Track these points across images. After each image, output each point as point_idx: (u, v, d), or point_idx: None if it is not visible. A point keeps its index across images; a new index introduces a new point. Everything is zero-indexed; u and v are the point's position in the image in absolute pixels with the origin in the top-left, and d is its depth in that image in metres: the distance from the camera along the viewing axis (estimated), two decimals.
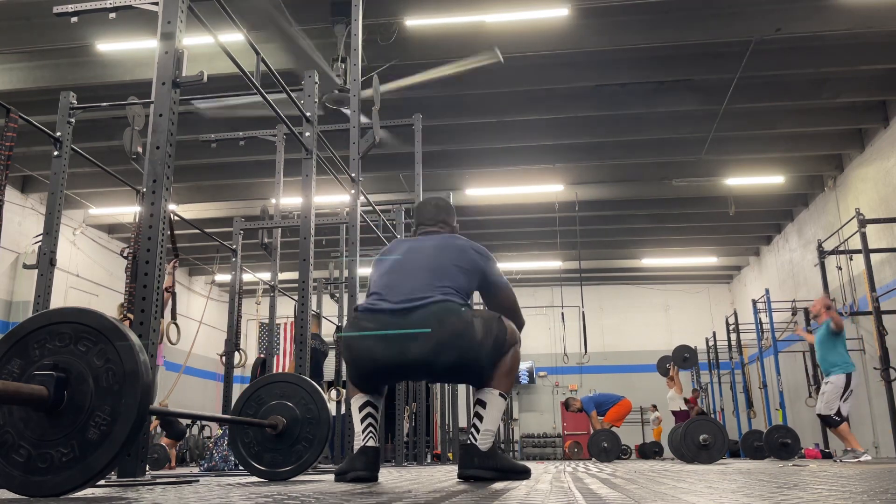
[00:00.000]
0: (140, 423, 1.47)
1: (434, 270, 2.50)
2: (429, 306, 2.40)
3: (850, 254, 8.76)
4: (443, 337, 2.34)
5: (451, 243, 2.63)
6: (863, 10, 7.01)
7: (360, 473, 2.44)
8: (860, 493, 1.55)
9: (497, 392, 2.48)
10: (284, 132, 6.39)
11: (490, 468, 2.43)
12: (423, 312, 2.39)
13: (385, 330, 2.39)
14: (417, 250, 2.62)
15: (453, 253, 2.58)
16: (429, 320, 2.36)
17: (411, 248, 2.65)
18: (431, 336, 2.34)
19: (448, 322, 2.36)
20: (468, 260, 2.58)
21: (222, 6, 3.13)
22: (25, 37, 7.23)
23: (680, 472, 3.55)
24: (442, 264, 2.53)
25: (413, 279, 2.49)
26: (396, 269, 2.57)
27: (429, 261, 2.54)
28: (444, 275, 2.49)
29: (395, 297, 2.46)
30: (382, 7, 6.85)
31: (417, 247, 2.64)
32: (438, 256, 2.56)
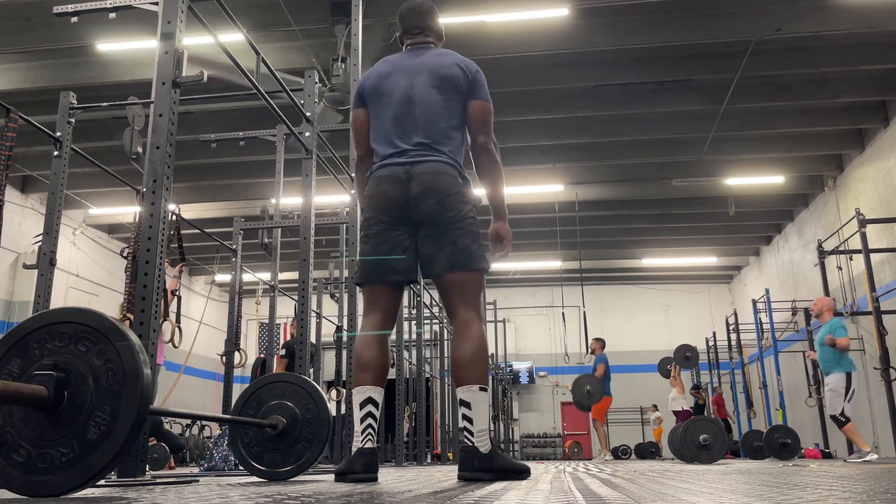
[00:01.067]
0: (140, 423, 1.47)
1: (431, 120, 2.59)
2: (430, 163, 2.54)
3: (850, 254, 8.76)
4: (435, 185, 2.50)
5: (441, 72, 2.63)
6: (863, 10, 7.01)
7: (358, 476, 2.43)
8: (860, 493, 1.55)
9: (477, 387, 2.47)
10: (284, 132, 6.39)
11: (490, 469, 2.43)
12: (426, 165, 2.53)
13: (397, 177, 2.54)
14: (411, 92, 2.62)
15: (445, 90, 2.62)
16: (428, 173, 2.52)
17: (404, 88, 2.64)
18: (429, 182, 2.49)
19: (443, 178, 2.52)
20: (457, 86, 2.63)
21: (222, 6, 3.13)
22: (25, 37, 7.23)
23: (680, 472, 3.55)
24: (438, 111, 2.60)
25: (413, 130, 2.58)
26: (394, 116, 2.61)
27: (425, 110, 2.59)
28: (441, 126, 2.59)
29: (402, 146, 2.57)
30: (382, 7, 6.85)
31: (409, 86, 2.63)
32: (433, 101, 2.60)
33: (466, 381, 2.47)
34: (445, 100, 2.62)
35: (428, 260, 2.55)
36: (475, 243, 2.57)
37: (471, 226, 2.57)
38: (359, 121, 2.73)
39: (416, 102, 2.61)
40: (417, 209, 2.51)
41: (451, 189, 2.53)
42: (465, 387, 2.47)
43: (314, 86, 4.31)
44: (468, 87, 2.65)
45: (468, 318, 2.54)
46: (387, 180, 2.55)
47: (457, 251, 2.51)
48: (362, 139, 2.73)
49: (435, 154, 2.56)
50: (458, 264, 2.52)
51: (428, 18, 2.83)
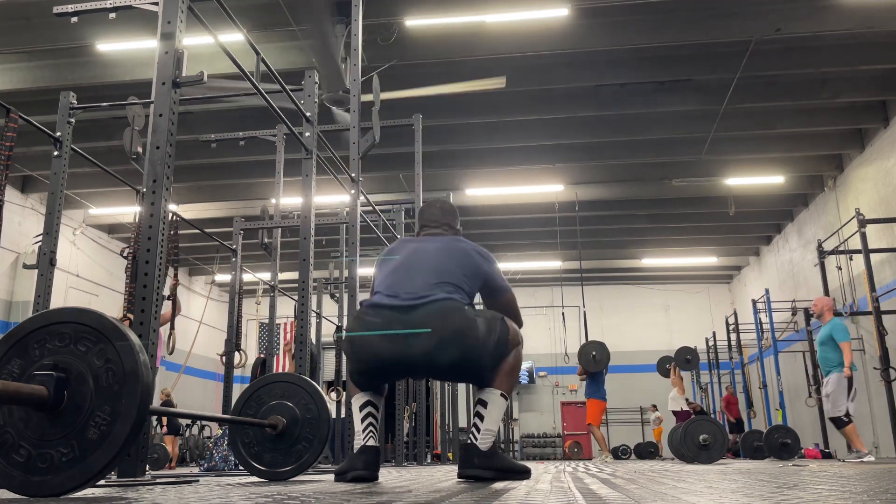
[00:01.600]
0: (140, 423, 1.47)
1: (438, 271, 2.52)
2: (432, 304, 2.41)
3: (850, 254, 8.76)
4: (445, 334, 2.35)
5: (455, 246, 2.65)
6: (863, 10, 7.01)
7: (360, 473, 2.44)
8: (860, 493, 1.55)
9: (499, 392, 2.49)
10: (284, 132, 6.39)
11: (490, 468, 2.43)
12: (427, 309, 2.40)
13: (388, 325, 2.41)
14: (422, 251, 2.64)
15: (457, 255, 2.61)
16: (432, 317, 2.37)
17: (416, 248, 2.66)
18: (434, 333, 2.35)
19: (451, 319, 2.38)
20: (471, 263, 2.61)
21: (222, 6, 3.13)
22: (25, 37, 7.23)
23: (680, 472, 3.55)
24: (446, 265, 2.55)
25: (417, 278, 2.50)
26: (401, 268, 2.59)
27: (433, 261, 2.57)
28: (448, 275, 2.52)
29: (400, 294, 2.48)
30: (382, 7, 6.85)
31: (422, 248, 2.66)
32: (442, 258, 2.58)
33: (492, 384, 2.49)
34: (455, 261, 2.58)
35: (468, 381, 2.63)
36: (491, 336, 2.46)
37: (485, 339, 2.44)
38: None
39: (423, 255, 2.61)
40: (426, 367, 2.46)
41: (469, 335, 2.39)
42: (490, 389, 2.49)
43: (314, 86, 4.31)
44: (482, 262, 2.64)
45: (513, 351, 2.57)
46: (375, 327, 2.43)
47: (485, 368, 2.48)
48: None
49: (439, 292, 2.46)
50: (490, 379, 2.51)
51: (449, 217, 2.88)
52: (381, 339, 2.40)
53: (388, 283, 2.55)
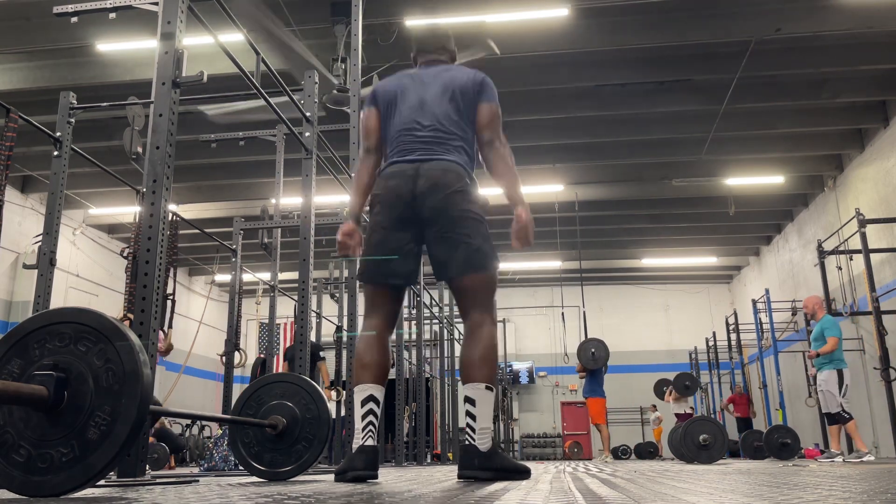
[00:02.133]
0: (140, 423, 1.47)
1: (441, 125, 2.63)
2: (440, 161, 2.58)
3: (850, 254, 8.76)
4: (443, 180, 2.53)
5: (453, 83, 2.69)
6: (863, 10, 7.01)
7: (359, 473, 2.44)
8: (860, 493, 1.55)
9: (483, 385, 2.48)
10: (284, 132, 6.39)
11: (490, 469, 2.43)
12: (435, 163, 2.57)
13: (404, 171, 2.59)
14: (422, 95, 2.69)
15: (455, 97, 2.67)
16: (436, 170, 2.56)
17: (416, 93, 2.70)
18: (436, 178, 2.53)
19: (450, 174, 2.56)
20: (467, 98, 2.68)
21: (222, 6, 3.13)
22: (25, 37, 7.23)
23: (680, 472, 3.55)
24: (447, 111, 2.65)
25: (424, 136, 2.62)
26: (407, 117, 2.66)
27: (435, 108, 2.65)
28: (452, 132, 2.64)
29: (411, 156, 2.60)
30: (382, 7, 6.85)
31: (422, 91, 2.70)
32: (443, 103, 2.66)
33: (473, 378, 2.49)
34: (455, 107, 2.67)
35: (441, 263, 2.57)
36: (486, 243, 2.59)
37: (478, 225, 2.59)
38: (370, 119, 2.78)
39: (427, 108, 2.67)
40: (423, 204, 2.54)
41: (456, 185, 2.56)
42: (472, 384, 2.49)
43: (314, 86, 4.31)
44: (476, 94, 2.70)
45: (480, 320, 2.56)
46: (395, 176, 2.60)
47: (470, 252, 2.53)
48: (371, 135, 2.77)
49: (443, 153, 2.61)
50: (473, 266, 2.54)
51: (445, 41, 2.94)
52: (399, 181, 2.57)
53: (398, 141, 2.65)
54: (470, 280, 2.55)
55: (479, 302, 2.57)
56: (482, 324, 2.55)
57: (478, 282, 2.56)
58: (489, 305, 2.61)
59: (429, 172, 2.55)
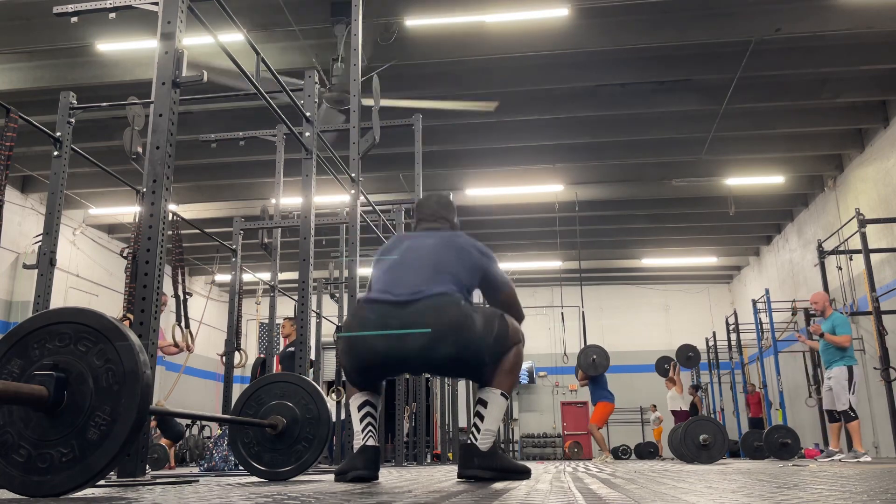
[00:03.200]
0: (140, 424, 1.47)
1: (435, 266, 2.51)
2: (428, 298, 2.40)
3: (850, 254, 8.76)
4: (441, 328, 2.33)
5: (453, 241, 2.64)
6: (863, 10, 7.01)
7: (360, 473, 2.44)
8: (860, 493, 1.55)
9: (499, 392, 2.48)
10: (284, 132, 6.39)
11: (490, 468, 2.43)
12: (423, 304, 2.38)
13: (384, 320, 2.39)
14: (418, 248, 2.62)
15: (454, 251, 2.59)
16: (428, 311, 2.36)
17: (412, 245, 2.65)
18: (430, 327, 2.34)
19: (447, 313, 2.36)
20: (469, 258, 2.59)
21: (222, 6, 3.13)
22: (25, 37, 7.23)
23: (680, 472, 3.55)
24: (443, 260, 2.53)
25: (414, 273, 2.49)
26: (398, 264, 2.58)
27: (430, 257, 2.55)
28: (446, 270, 2.50)
29: (397, 290, 2.46)
30: (382, 7, 6.85)
31: (418, 244, 2.64)
32: (440, 252, 2.57)
33: (493, 383, 2.48)
34: (453, 256, 2.58)
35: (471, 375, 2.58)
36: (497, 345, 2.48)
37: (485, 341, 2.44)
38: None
39: (420, 251, 2.60)
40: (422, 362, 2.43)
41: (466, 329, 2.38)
42: (490, 388, 2.48)
43: (314, 86, 4.31)
44: (480, 257, 2.63)
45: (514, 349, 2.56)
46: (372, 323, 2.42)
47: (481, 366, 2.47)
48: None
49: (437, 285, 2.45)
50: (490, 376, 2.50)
51: (446, 211, 2.87)
52: (377, 335, 2.39)
53: (385, 280, 2.53)
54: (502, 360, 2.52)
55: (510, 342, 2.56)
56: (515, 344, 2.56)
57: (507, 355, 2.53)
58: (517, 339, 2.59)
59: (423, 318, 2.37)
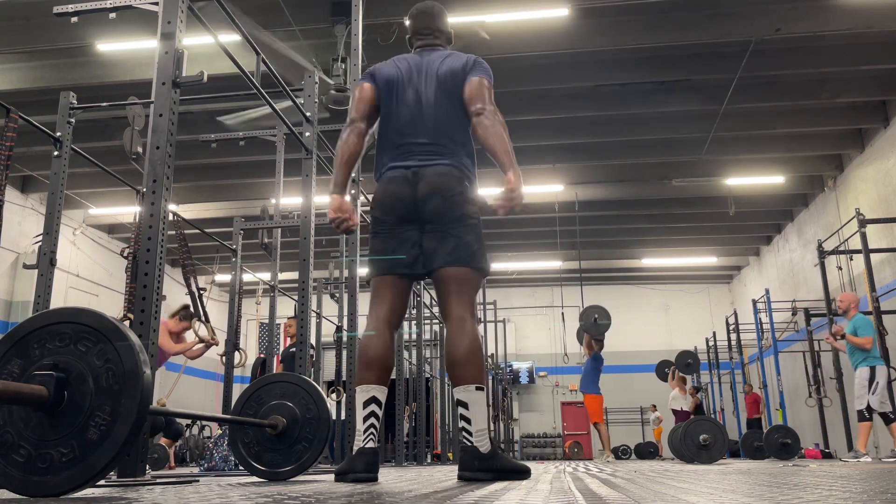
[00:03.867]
0: (140, 424, 1.47)
1: (439, 124, 2.63)
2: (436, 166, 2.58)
3: (850, 254, 8.76)
4: (439, 184, 2.56)
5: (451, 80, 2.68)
6: (863, 10, 7.01)
7: (360, 475, 2.44)
8: (860, 493, 1.55)
9: (473, 386, 2.46)
10: (284, 132, 6.39)
11: (490, 470, 2.43)
12: (433, 170, 2.58)
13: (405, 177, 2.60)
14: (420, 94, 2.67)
15: (454, 94, 2.66)
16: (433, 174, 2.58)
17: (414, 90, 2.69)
18: (432, 181, 2.55)
19: (449, 177, 2.58)
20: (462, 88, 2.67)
21: (222, 6, 3.13)
22: (25, 37, 7.23)
23: (680, 472, 3.55)
24: (446, 113, 2.64)
25: (422, 135, 2.62)
26: (405, 120, 2.65)
27: (433, 112, 2.64)
28: (449, 132, 2.64)
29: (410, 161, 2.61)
30: (382, 7, 6.85)
31: (420, 87, 2.69)
32: (441, 105, 2.65)
33: (463, 380, 2.47)
34: (452, 102, 2.67)
35: (429, 254, 2.57)
36: (477, 242, 2.60)
37: (473, 226, 2.61)
38: (365, 90, 2.75)
39: (425, 107, 2.66)
40: (424, 208, 2.55)
41: (455, 189, 2.58)
42: (462, 387, 2.47)
43: (314, 86, 4.31)
44: (468, 75, 2.68)
45: (463, 317, 2.53)
46: (395, 181, 2.60)
47: (458, 246, 2.55)
48: (363, 105, 2.73)
49: (442, 157, 2.61)
50: (458, 259, 2.54)
51: (437, 21, 2.94)
52: (399, 185, 2.59)
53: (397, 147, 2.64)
54: (452, 273, 2.53)
55: (461, 298, 2.54)
56: (464, 321, 2.51)
57: (462, 275, 2.54)
58: (471, 304, 2.58)
59: (428, 178, 2.56)
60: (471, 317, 2.55)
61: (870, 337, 6.73)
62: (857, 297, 7.12)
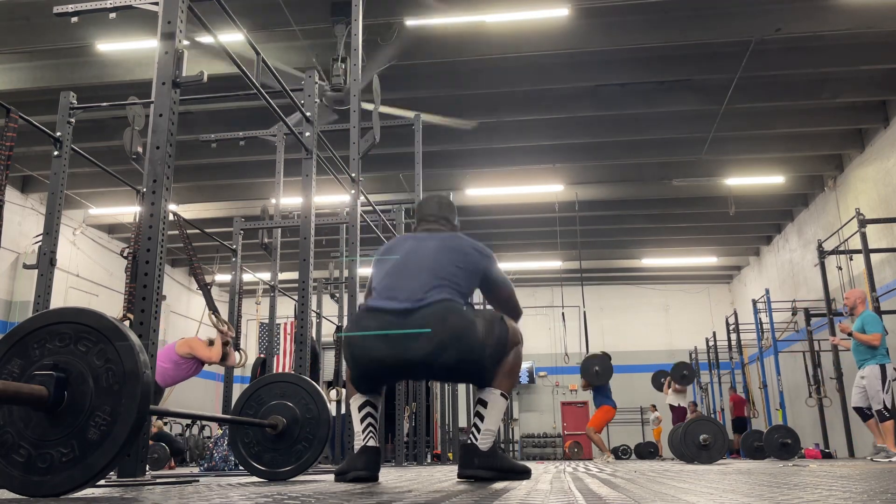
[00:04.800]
0: (140, 424, 1.47)
1: (436, 271, 2.50)
2: (430, 306, 2.39)
3: (850, 254, 8.76)
4: (444, 337, 2.33)
5: (453, 243, 2.63)
6: (863, 10, 7.01)
7: (360, 473, 2.44)
8: (860, 493, 1.55)
9: (499, 392, 2.48)
10: (284, 132, 6.39)
11: (490, 468, 2.43)
12: (425, 312, 2.38)
13: (387, 329, 2.38)
14: (419, 250, 2.61)
15: (455, 253, 2.58)
16: (430, 320, 2.36)
17: (413, 247, 2.63)
18: (433, 336, 2.33)
19: (449, 321, 2.36)
20: (469, 260, 2.59)
21: (222, 6, 3.13)
22: (25, 37, 7.23)
23: (680, 472, 3.55)
24: (443, 264, 2.53)
25: (415, 279, 2.48)
26: (398, 268, 2.56)
27: (430, 261, 2.54)
28: (446, 275, 2.49)
29: (398, 297, 2.45)
30: (382, 7, 6.85)
31: (418, 246, 2.63)
32: (440, 256, 2.56)
33: (491, 384, 2.48)
34: (453, 260, 2.56)
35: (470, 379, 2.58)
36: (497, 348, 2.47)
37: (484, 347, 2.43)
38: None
39: (421, 254, 2.58)
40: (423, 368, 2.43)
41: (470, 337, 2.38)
42: (490, 389, 2.48)
43: (314, 86, 4.31)
44: (481, 259, 2.63)
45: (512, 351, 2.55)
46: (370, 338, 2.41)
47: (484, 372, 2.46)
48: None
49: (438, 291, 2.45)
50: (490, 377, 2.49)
51: (447, 212, 2.87)
52: (380, 343, 2.38)
53: (386, 285, 2.52)
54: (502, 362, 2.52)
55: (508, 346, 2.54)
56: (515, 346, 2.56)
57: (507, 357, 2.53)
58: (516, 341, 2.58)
59: (427, 325, 2.36)
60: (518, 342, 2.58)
61: (878, 333, 6.57)
62: (863, 293, 7.00)
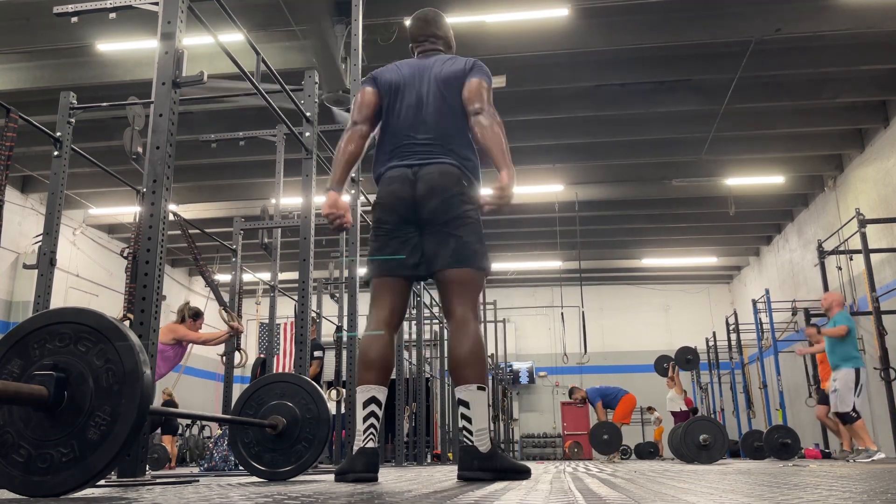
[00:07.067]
0: (140, 424, 1.47)
1: (440, 129, 2.64)
2: (436, 164, 2.59)
3: (850, 254, 8.76)
4: (438, 183, 2.56)
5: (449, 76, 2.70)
6: (863, 10, 7.01)
7: (360, 474, 2.44)
8: (860, 493, 1.55)
9: (475, 386, 2.47)
10: (284, 132, 6.39)
11: (490, 469, 2.43)
12: (433, 168, 2.59)
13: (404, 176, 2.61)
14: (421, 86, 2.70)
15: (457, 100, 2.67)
16: (433, 173, 2.58)
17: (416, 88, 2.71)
18: (431, 180, 2.55)
19: (448, 175, 2.59)
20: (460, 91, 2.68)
21: (222, 6, 3.13)
22: (25, 37, 7.23)
23: (680, 472, 3.55)
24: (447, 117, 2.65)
25: (423, 134, 2.63)
26: (406, 120, 2.67)
27: (435, 116, 2.65)
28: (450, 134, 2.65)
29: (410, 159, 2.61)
30: (382, 7, 6.85)
31: (420, 88, 2.71)
32: (443, 110, 2.66)
33: (465, 380, 2.48)
34: (453, 104, 2.68)
35: (431, 256, 2.58)
36: (478, 242, 2.61)
37: (473, 226, 2.61)
38: (368, 94, 2.77)
39: (426, 108, 2.68)
40: (423, 208, 2.55)
41: (453, 189, 2.57)
42: (464, 386, 2.48)
43: (314, 86, 4.31)
44: (467, 77, 2.70)
45: (465, 317, 2.55)
46: (396, 180, 2.61)
47: (459, 247, 2.55)
48: (365, 108, 2.75)
49: (442, 156, 2.61)
50: (459, 260, 2.55)
51: (433, 27, 2.97)
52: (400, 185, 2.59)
53: (397, 147, 2.65)
54: (455, 274, 2.55)
55: (463, 299, 2.56)
56: (467, 321, 2.54)
57: (464, 277, 2.56)
58: (474, 303, 2.60)
59: (427, 177, 2.56)
60: (473, 317, 2.57)
61: (844, 325, 6.61)
62: (840, 297, 7.04)
